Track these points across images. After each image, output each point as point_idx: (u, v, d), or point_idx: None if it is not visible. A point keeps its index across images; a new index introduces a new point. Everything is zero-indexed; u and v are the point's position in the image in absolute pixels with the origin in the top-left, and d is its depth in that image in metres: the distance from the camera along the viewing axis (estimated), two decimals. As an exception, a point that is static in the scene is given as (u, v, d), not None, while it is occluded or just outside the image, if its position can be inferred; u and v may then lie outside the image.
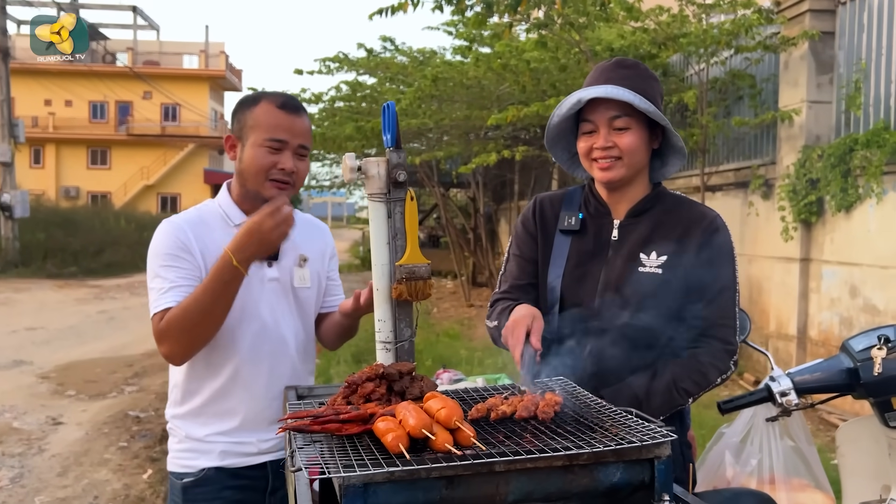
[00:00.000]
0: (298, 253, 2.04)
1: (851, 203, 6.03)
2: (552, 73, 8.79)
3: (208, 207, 2.05)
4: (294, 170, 1.93)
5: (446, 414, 1.11)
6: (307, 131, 1.97)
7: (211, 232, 1.97)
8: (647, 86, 1.85)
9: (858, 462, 1.92)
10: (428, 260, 1.65)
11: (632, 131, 1.81)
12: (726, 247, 1.83)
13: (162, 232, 1.95)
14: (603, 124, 1.81)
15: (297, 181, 1.96)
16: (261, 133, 1.91)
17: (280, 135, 1.91)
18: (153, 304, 1.86)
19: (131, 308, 13.35)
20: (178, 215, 2.03)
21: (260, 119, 1.93)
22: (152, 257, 1.92)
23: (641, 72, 1.88)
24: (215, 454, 1.97)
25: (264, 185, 1.93)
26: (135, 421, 6.19)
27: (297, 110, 1.95)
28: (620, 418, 1.26)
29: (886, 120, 5.87)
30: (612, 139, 1.81)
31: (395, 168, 1.65)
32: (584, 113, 1.85)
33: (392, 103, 1.68)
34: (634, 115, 1.80)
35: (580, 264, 1.88)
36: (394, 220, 1.66)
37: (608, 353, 1.79)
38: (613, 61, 1.90)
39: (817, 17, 6.58)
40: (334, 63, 12.16)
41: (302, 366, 2.08)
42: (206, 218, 2.01)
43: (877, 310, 5.80)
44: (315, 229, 2.18)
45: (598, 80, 1.85)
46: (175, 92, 40.22)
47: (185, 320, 1.81)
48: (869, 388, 1.73)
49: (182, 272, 1.88)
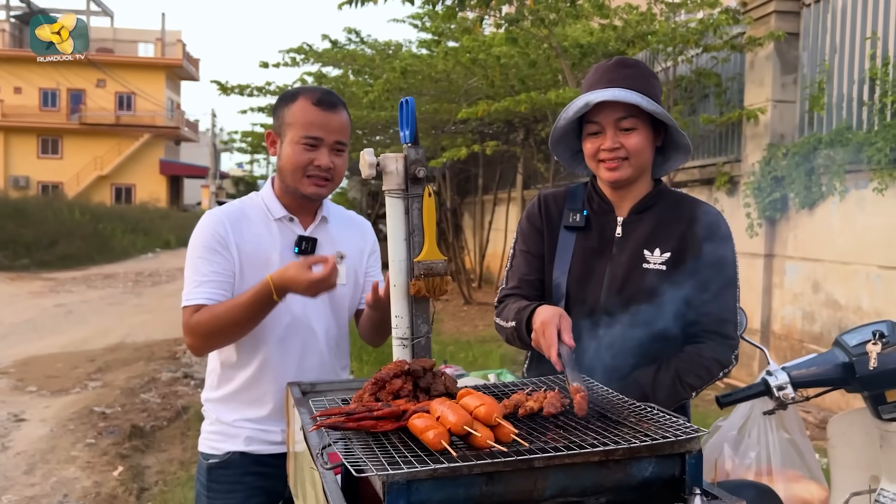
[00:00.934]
0: (335, 249, 2.05)
1: (815, 201, 6.19)
2: (521, 69, 8.84)
3: (252, 200, 2.12)
4: (331, 166, 1.98)
5: (486, 411, 1.12)
6: (344, 127, 2.01)
7: (251, 225, 2.05)
8: (648, 85, 1.87)
9: (848, 454, 1.99)
10: (445, 256, 1.65)
11: (638, 132, 1.83)
12: (728, 244, 1.87)
13: (202, 224, 2.05)
14: (609, 126, 1.84)
15: (336, 177, 2.01)
16: (298, 130, 1.96)
17: (316, 132, 1.95)
18: (186, 295, 1.97)
19: (89, 301, 13.09)
20: (221, 207, 2.11)
21: (297, 116, 1.97)
22: (191, 248, 2.02)
23: (642, 71, 1.90)
24: (241, 439, 2.06)
25: (302, 181, 1.99)
26: (101, 417, 6.08)
27: (333, 106, 1.98)
28: (643, 413, 1.28)
29: (849, 120, 6.04)
30: (619, 140, 1.83)
31: (413, 164, 1.65)
32: (590, 114, 1.86)
33: (411, 99, 1.68)
34: (640, 116, 1.83)
35: (585, 261, 1.91)
36: (411, 216, 1.66)
37: (615, 349, 1.82)
38: (614, 61, 1.92)
39: (782, 18, 6.72)
40: (299, 55, 12.04)
41: (333, 360, 2.13)
42: (248, 211, 2.08)
43: (838, 305, 5.97)
44: (355, 226, 2.22)
45: (601, 81, 1.86)
46: (130, 80, 39.40)
47: (215, 326, 1.92)
48: (864, 381, 1.79)
49: (216, 265, 1.98)
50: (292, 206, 2.07)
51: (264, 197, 2.09)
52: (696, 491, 1.13)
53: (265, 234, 2.04)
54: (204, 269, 1.97)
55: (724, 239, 1.87)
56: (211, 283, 1.96)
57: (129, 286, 15.68)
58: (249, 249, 2.01)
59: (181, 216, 35.07)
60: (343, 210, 2.24)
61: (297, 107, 1.98)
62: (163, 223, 30.00)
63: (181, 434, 5.64)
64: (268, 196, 2.09)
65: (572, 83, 7.93)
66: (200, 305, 1.95)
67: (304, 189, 2.00)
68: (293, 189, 2.02)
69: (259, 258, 2.03)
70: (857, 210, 5.77)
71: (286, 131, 1.99)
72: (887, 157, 5.32)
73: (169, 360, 8.22)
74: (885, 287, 5.48)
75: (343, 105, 2.03)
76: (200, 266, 1.98)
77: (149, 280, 16.97)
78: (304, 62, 12.15)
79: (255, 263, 2.02)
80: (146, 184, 40.82)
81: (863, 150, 5.55)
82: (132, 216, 28.51)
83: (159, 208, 34.87)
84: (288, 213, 2.07)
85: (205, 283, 1.96)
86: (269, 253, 2.04)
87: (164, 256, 24.32)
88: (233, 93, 12.27)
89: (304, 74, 13.04)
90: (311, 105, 1.96)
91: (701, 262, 1.83)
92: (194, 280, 1.98)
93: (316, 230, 2.10)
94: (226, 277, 1.98)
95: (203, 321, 1.92)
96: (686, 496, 1.13)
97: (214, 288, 1.96)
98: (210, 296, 1.96)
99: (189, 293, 1.97)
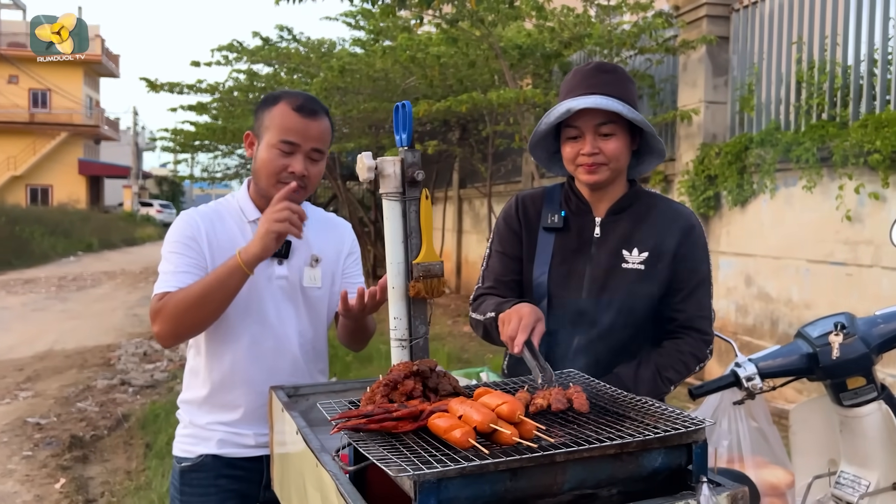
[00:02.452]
0: (311, 252, 2.05)
1: (746, 198, 6.46)
2: (460, 69, 8.90)
3: (227, 202, 2.10)
4: (305, 173, 1.95)
5: (510, 408, 1.16)
6: (323, 134, 1.98)
7: (225, 226, 2.03)
8: (626, 90, 1.92)
9: (808, 439, 2.11)
10: (441, 258, 1.68)
11: (616, 137, 1.89)
12: (701, 243, 1.96)
13: (176, 223, 2.04)
14: (589, 131, 1.89)
15: (309, 184, 1.99)
16: (274, 134, 1.94)
17: (292, 137, 1.93)
18: (159, 284, 1.94)
19: (10, 308, 12.53)
20: (196, 208, 2.08)
21: (275, 120, 1.95)
22: (165, 243, 2.01)
23: (621, 76, 1.94)
24: (214, 442, 2.03)
25: (275, 186, 1.96)
26: (36, 428, 5.85)
27: (313, 113, 1.96)
28: (644, 406, 1.34)
29: (777, 121, 6.32)
30: (598, 145, 1.88)
31: (410, 167, 1.67)
32: (569, 119, 1.90)
33: (408, 103, 1.70)
34: (618, 122, 1.88)
35: (565, 261, 1.96)
36: (409, 218, 1.69)
37: (597, 347, 1.88)
38: (593, 66, 1.95)
39: (713, 22, 6.98)
40: (231, 52, 11.82)
41: (307, 365, 2.10)
42: (223, 212, 2.06)
43: (770, 297, 6.25)
44: (333, 228, 2.19)
45: (581, 86, 1.91)
46: (45, 76, 37.78)
47: (180, 304, 1.87)
48: (827, 370, 1.90)
49: (187, 260, 1.95)
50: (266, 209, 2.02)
51: (239, 198, 2.08)
52: (703, 479, 1.19)
53: (238, 236, 2.02)
54: (177, 261, 1.95)
55: (698, 238, 1.96)
56: (185, 274, 1.93)
57: (53, 291, 15.07)
58: (221, 249, 1.99)
59: (103, 218, 33.91)
60: (321, 212, 2.23)
61: (277, 110, 1.96)
62: (84, 225, 28.93)
63: (124, 443, 5.48)
64: (242, 198, 2.07)
65: (512, 84, 8.04)
66: (169, 292, 1.91)
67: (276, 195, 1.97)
68: (265, 192, 2.00)
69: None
70: (787, 207, 6.05)
71: (264, 134, 1.98)
72: (815, 157, 5.60)
73: (103, 367, 7.96)
74: (814, 280, 5.77)
75: (325, 112, 2.02)
76: (173, 259, 1.96)
77: (73, 284, 16.35)
78: (237, 60, 11.94)
79: None
80: (64, 184, 39.24)
81: (791, 150, 5.82)
82: (51, 218, 27.36)
83: (79, 210, 33.57)
84: (262, 215, 2.02)
85: (178, 274, 1.93)
86: None
87: (88, 260, 23.46)
88: (162, 90, 11.95)
89: (234, 72, 12.82)
90: (290, 110, 1.95)
91: (677, 261, 1.91)
92: (168, 271, 1.95)
93: None
94: (199, 271, 1.96)
95: (169, 300, 1.88)
96: (693, 484, 1.19)
97: (187, 278, 1.93)
98: (182, 284, 1.92)
99: (162, 282, 1.94)
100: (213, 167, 19.45)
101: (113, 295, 14.58)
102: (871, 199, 5.17)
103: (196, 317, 1.89)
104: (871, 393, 1.90)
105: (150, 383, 7.21)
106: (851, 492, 1.92)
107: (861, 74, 5.57)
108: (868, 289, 5.26)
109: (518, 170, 11.13)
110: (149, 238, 33.75)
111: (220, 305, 1.89)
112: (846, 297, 5.43)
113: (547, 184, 2.18)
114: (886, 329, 1.91)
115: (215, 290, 1.85)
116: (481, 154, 10.91)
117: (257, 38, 11.90)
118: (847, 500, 1.93)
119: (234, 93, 12.99)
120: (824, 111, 5.87)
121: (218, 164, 19.29)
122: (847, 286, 5.44)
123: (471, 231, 13.31)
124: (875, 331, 1.91)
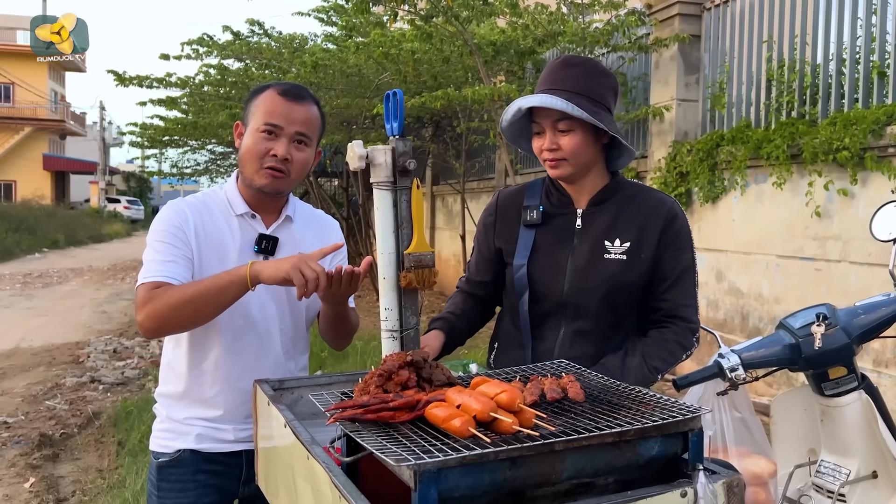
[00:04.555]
0: (298, 251, 2.02)
1: (718, 195, 6.54)
2: (434, 65, 8.88)
3: (215, 193, 2.06)
4: (287, 157, 1.92)
5: (509, 397, 1.16)
6: (309, 120, 1.96)
7: (212, 219, 1.99)
8: (593, 83, 1.90)
9: (789, 429, 2.14)
10: (432, 248, 1.68)
11: (574, 133, 1.88)
12: (684, 231, 1.97)
13: (162, 213, 1.99)
14: (548, 127, 1.90)
15: (293, 171, 1.96)
16: (259, 118, 1.93)
17: (276, 120, 1.91)
18: (146, 272, 1.89)
19: (-25, 305, 12.27)
20: (185, 199, 2.04)
21: (260, 105, 1.94)
22: (151, 234, 1.96)
23: (589, 70, 1.93)
24: (192, 437, 2.00)
25: (258, 172, 1.94)
26: (3, 427, 5.73)
27: (299, 98, 1.95)
28: (638, 395, 1.35)
29: (748, 118, 6.41)
30: (557, 141, 1.89)
31: (401, 156, 1.66)
32: (533, 115, 1.93)
33: (399, 91, 1.68)
34: (576, 118, 1.87)
35: (547, 254, 1.97)
36: (400, 208, 1.67)
37: (582, 338, 1.89)
38: (561, 60, 1.95)
39: (685, 20, 7.05)
40: (201, 47, 11.66)
41: (288, 363, 2.08)
42: (210, 205, 2.02)
43: (741, 292, 6.34)
44: (322, 226, 2.17)
45: (545, 81, 1.92)
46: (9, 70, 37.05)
47: (172, 302, 1.82)
48: (810, 361, 1.93)
49: (174, 249, 1.91)
50: (255, 203, 2.02)
51: (227, 191, 2.04)
52: (699, 467, 1.20)
53: (225, 230, 2.00)
54: (165, 251, 1.91)
55: (681, 227, 1.97)
56: (173, 264, 1.88)
57: (18, 288, 14.78)
58: (208, 243, 1.96)
59: (69, 214, 33.33)
60: (311, 209, 2.20)
61: (263, 97, 1.96)
62: (49, 221, 28.40)
63: (96, 441, 5.39)
64: (231, 191, 2.04)
65: (486, 80, 8.05)
66: (160, 282, 1.86)
67: (258, 181, 1.95)
68: (250, 181, 1.97)
69: (216, 253, 1.98)
70: (758, 203, 6.13)
71: (249, 121, 1.96)
72: (785, 154, 5.68)
73: (72, 365, 7.82)
74: (783, 275, 5.86)
75: (313, 100, 2.00)
76: (161, 248, 1.91)
77: (39, 281, 16.05)
78: (207, 55, 11.79)
79: (213, 258, 1.97)
80: (29, 180, 38.49)
81: (762, 147, 5.90)
82: (15, 214, 26.84)
83: (44, 206, 32.96)
84: (250, 209, 2.02)
85: (167, 263, 1.88)
86: (228, 249, 1.99)
87: (53, 256, 23.03)
88: (131, 84, 11.74)
89: (204, 67, 12.65)
90: (276, 94, 1.94)
91: (660, 250, 1.93)
92: (155, 259, 1.90)
93: (278, 229, 2.05)
94: (186, 262, 1.92)
95: (163, 297, 1.82)
96: (689, 472, 1.20)
97: (176, 268, 1.89)
98: (172, 274, 1.88)
99: (149, 271, 1.88)
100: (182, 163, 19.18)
101: (80, 292, 14.33)
102: (840, 195, 5.27)
103: (185, 318, 1.85)
104: (852, 383, 1.94)
105: (121, 381, 7.11)
106: (832, 480, 1.95)
107: (830, 73, 5.67)
108: (837, 283, 5.36)
109: (492, 166, 11.15)
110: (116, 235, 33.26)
111: (213, 312, 1.86)
112: (815, 292, 5.53)
113: (521, 181, 2.20)
114: (867, 319, 1.95)
115: (212, 296, 1.81)
116: (455, 151, 10.90)
117: (228, 32, 11.76)
118: (828, 488, 1.96)
119: (205, 87, 12.81)
120: (794, 109, 5.96)
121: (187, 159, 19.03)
122: (816, 281, 5.54)
123: (444, 227, 13.32)
124: (856, 321, 1.94)
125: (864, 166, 5.02)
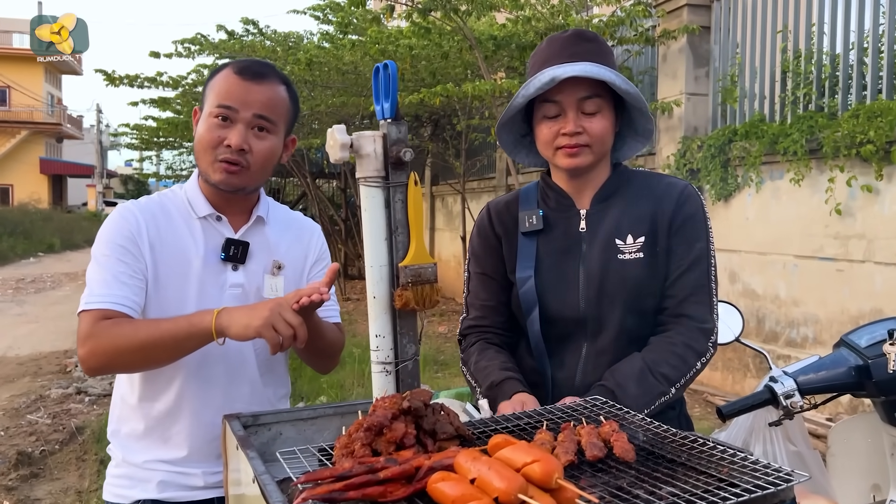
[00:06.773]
0: (273, 258, 1.71)
1: (731, 192, 6.24)
2: (433, 61, 8.60)
3: (173, 194, 1.75)
4: (243, 147, 1.61)
5: (543, 471, 0.84)
6: (272, 101, 1.64)
7: (171, 223, 1.68)
8: (611, 63, 1.63)
9: (850, 462, 1.84)
10: (433, 259, 1.35)
11: (602, 115, 1.60)
12: (698, 214, 1.66)
13: (110, 219, 1.67)
14: (571, 107, 1.59)
15: (253, 162, 1.64)
16: (212, 101, 1.62)
17: (229, 101, 1.60)
18: (89, 297, 1.57)
19: (-37, 313, 11.95)
20: (137, 201, 1.72)
21: (214, 86, 1.64)
22: (97, 245, 1.64)
23: (602, 46, 1.65)
24: (153, 484, 1.68)
25: (212, 166, 1.63)
26: (-20, 443, 5.43)
27: (258, 76, 1.63)
28: (703, 447, 1.05)
29: (762, 112, 6.12)
30: (582, 124, 1.59)
31: (394, 145, 1.33)
32: (548, 94, 1.60)
33: (391, 63, 1.37)
34: (604, 97, 1.59)
35: (554, 264, 1.67)
36: (394, 209, 1.34)
37: (606, 359, 1.59)
38: (570, 33, 1.65)
39: (694, 11, 6.76)
40: (194, 45, 11.38)
41: (266, 390, 1.77)
42: (168, 206, 1.71)
43: (756, 294, 6.04)
44: (299, 230, 1.84)
45: (561, 55, 1.60)
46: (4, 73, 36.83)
47: (120, 343, 1.52)
48: (881, 386, 1.63)
49: (123, 268, 1.60)
50: (219, 203, 1.71)
51: (187, 190, 1.73)
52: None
53: (186, 236, 1.68)
54: (112, 269, 1.59)
55: (694, 210, 1.66)
56: (123, 286, 1.58)
57: (10, 294, 14.46)
58: (165, 253, 1.65)
59: (65, 218, 33.00)
60: (287, 210, 1.89)
61: (218, 77, 1.65)
62: (45, 225, 28.08)
63: (77, 459, 5.08)
64: (191, 190, 1.72)
65: (486, 76, 7.76)
66: (108, 311, 1.56)
67: (213, 176, 1.64)
68: (206, 176, 1.66)
69: (176, 264, 1.66)
70: (773, 201, 5.84)
71: (204, 105, 1.66)
72: (803, 148, 5.39)
73: (59, 375, 7.52)
74: (802, 276, 5.57)
75: (279, 78, 1.68)
76: (108, 265, 1.60)
77: (32, 287, 15.73)
78: (200, 53, 11.51)
79: (172, 270, 1.65)
80: (25, 184, 38.22)
81: (778, 142, 5.61)
82: (11, 218, 26.54)
83: (41, 210, 32.62)
84: (214, 210, 1.70)
85: (113, 285, 1.57)
86: (190, 258, 1.67)
87: (48, 261, 22.71)
88: (122, 83, 11.45)
89: (199, 66, 12.37)
90: (232, 73, 1.63)
91: (671, 237, 1.63)
92: (100, 280, 1.59)
93: (248, 233, 1.74)
94: (138, 282, 1.60)
95: (109, 335, 1.52)
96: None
97: (126, 291, 1.58)
98: (121, 300, 1.57)
99: (93, 295, 1.57)
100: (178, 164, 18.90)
101: (73, 297, 14.00)
102: (864, 191, 4.97)
103: (134, 363, 1.57)
104: (931, 412, 1.64)
105: (108, 392, 6.79)
106: (905, 525, 1.66)
107: (850, 63, 5.38)
108: (860, 285, 5.07)
109: (493, 165, 10.86)
110: (112, 238, 32.88)
111: (167, 361, 1.58)
112: (837, 294, 5.24)
113: (523, 180, 1.89)
114: (950, 337, 1.65)
115: (168, 346, 1.52)
116: (454, 150, 10.62)
117: (222, 31, 11.48)
118: (900, 534, 1.67)
119: (198, 87, 12.53)
120: (811, 102, 5.67)
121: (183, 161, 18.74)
122: (838, 282, 5.24)
123: (444, 228, 13.02)
124: (937, 339, 1.64)
125: (891, 161, 4.73)
